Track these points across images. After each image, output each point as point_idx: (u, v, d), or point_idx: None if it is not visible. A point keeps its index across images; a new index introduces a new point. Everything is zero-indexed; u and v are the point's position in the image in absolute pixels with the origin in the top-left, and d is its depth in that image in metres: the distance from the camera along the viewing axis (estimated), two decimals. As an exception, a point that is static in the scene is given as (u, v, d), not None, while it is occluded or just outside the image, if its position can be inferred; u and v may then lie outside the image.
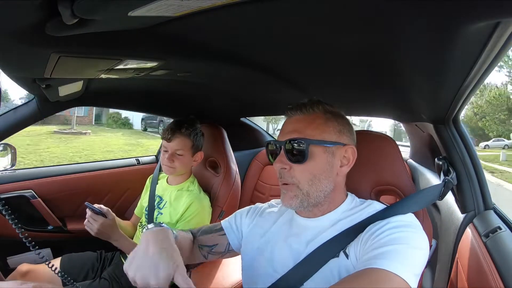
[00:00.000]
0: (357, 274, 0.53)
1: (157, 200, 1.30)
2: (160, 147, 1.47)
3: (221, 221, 0.86)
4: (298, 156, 0.66)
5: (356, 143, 0.73)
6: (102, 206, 1.12)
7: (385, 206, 0.69)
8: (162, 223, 0.69)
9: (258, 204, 0.86)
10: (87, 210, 1.08)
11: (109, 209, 1.12)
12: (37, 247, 0.82)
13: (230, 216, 0.87)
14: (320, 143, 0.66)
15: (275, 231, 0.76)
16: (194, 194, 1.22)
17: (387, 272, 0.50)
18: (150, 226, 0.67)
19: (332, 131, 0.68)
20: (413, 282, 0.52)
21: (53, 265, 0.90)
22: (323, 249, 0.64)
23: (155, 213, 1.26)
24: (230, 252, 0.83)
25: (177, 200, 1.22)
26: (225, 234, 0.83)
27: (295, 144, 0.66)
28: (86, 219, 1.09)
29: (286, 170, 0.68)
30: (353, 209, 0.70)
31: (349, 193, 0.74)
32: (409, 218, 0.63)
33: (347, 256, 0.62)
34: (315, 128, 0.67)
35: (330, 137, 0.68)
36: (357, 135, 0.75)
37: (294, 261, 0.66)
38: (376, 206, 0.69)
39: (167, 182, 1.33)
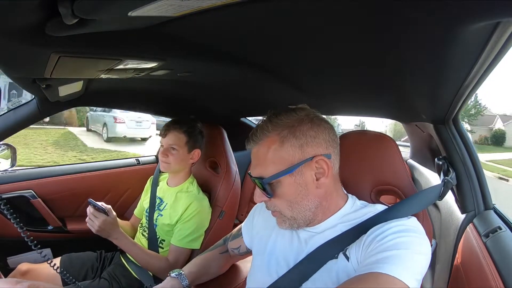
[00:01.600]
0: (359, 278, 0.53)
1: (157, 201, 1.30)
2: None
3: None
4: (266, 192, 0.65)
5: (336, 143, 0.67)
6: (104, 204, 1.13)
7: (386, 207, 0.68)
8: (181, 273, 0.85)
9: None
10: (89, 207, 1.09)
11: (111, 208, 1.14)
12: (39, 246, 0.82)
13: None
14: (280, 175, 0.62)
15: (278, 228, 0.76)
16: (193, 195, 1.23)
17: (389, 277, 0.50)
18: (173, 274, 0.84)
19: (292, 150, 0.62)
20: (415, 287, 0.52)
21: (54, 264, 0.91)
22: (322, 250, 0.64)
23: (155, 214, 1.27)
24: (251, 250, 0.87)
25: (177, 202, 1.23)
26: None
27: (259, 183, 0.65)
28: (88, 217, 1.10)
29: (267, 201, 0.67)
30: (353, 213, 0.68)
31: (350, 196, 0.72)
32: (412, 223, 0.63)
33: (347, 258, 0.62)
34: (272, 159, 0.63)
35: (291, 159, 0.62)
36: (357, 135, 0.75)
37: (295, 260, 0.67)
38: (377, 208, 0.68)
39: (167, 184, 1.33)
